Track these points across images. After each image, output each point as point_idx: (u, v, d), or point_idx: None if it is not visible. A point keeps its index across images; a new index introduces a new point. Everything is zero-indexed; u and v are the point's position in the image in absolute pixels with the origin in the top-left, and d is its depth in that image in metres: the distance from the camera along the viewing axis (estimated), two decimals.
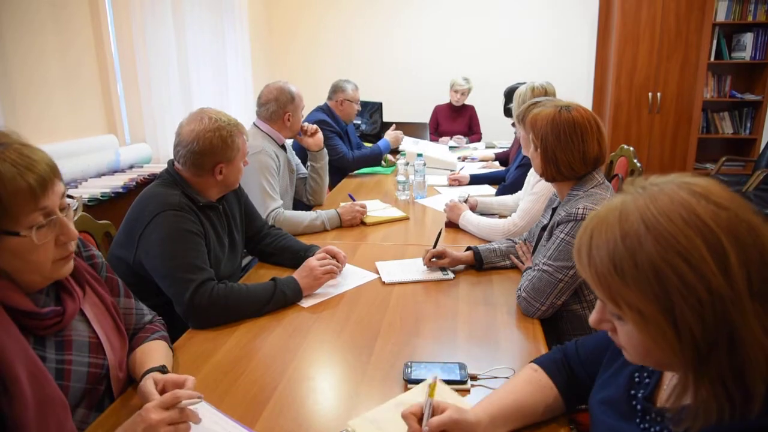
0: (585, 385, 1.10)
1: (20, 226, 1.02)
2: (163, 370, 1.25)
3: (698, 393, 0.73)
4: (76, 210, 1.16)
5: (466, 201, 2.62)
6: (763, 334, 0.67)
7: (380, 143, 3.84)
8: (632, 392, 0.91)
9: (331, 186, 3.43)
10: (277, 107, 2.70)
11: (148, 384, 1.17)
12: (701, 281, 0.67)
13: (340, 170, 3.73)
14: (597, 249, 0.74)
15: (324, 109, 3.79)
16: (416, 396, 1.23)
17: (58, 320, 1.13)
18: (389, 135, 3.89)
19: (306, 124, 2.91)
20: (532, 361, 1.22)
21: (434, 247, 2.01)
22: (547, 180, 1.74)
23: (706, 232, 0.68)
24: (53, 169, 1.08)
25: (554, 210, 1.79)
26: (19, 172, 1.01)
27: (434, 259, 1.99)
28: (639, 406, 0.89)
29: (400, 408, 1.12)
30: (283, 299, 1.73)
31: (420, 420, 1.00)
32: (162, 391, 1.15)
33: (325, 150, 3.01)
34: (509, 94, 3.61)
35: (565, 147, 1.63)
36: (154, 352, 1.33)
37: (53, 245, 1.09)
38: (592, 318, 0.83)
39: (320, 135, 2.95)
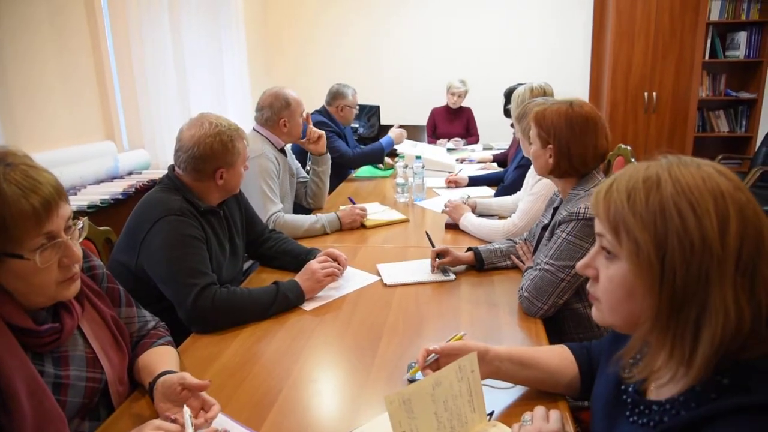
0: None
1: (24, 249, 1.01)
2: None
3: (653, 349, 0.80)
4: (81, 230, 1.14)
5: (466, 202, 2.63)
6: (733, 303, 0.72)
7: (383, 140, 3.79)
8: (623, 387, 0.95)
9: (330, 189, 3.44)
10: (271, 113, 2.69)
11: (174, 381, 1.18)
12: (699, 229, 0.73)
13: (339, 171, 3.72)
14: (617, 185, 0.81)
15: (322, 112, 3.80)
16: None
17: (56, 337, 1.13)
18: (393, 132, 3.87)
19: (311, 128, 2.89)
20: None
21: (432, 246, 2.02)
22: (557, 176, 1.73)
23: (718, 196, 0.74)
24: (59, 192, 1.06)
25: (555, 209, 1.80)
26: (24, 195, 1.00)
27: (438, 259, 1.99)
28: (629, 399, 0.92)
29: None
30: (285, 302, 1.73)
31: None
32: (182, 392, 1.17)
33: (328, 155, 3.00)
34: (509, 95, 3.61)
35: (579, 141, 1.64)
36: (163, 356, 1.33)
37: (57, 267, 1.08)
38: (581, 263, 0.89)
39: (324, 141, 2.94)
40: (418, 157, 3.08)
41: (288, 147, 2.89)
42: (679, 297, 0.75)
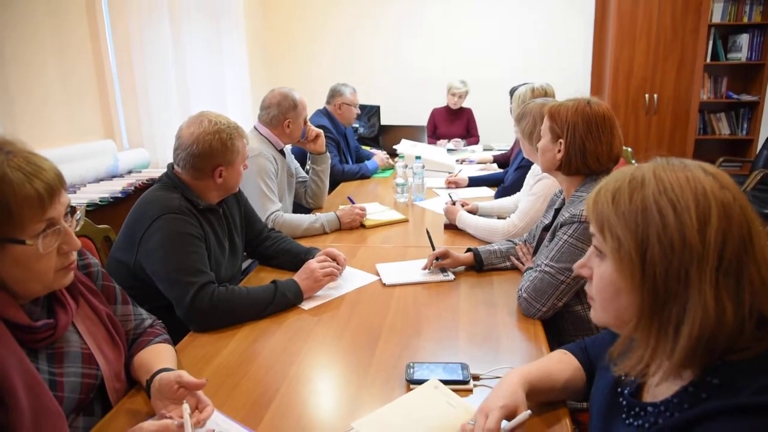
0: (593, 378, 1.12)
1: (26, 234, 1.02)
2: None
3: (639, 344, 0.80)
4: (78, 220, 1.15)
5: (454, 203, 2.60)
6: (713, 301, 0.72)
7: (369, 164, 3.90)
8: (619, 389, 0.95)
9: (330, 189, 3.43)
10: (278, 112, 2.69)
11: (171, 379, 1.17)
12: (678, 227, 0.74)
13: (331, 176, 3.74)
14: (606, 186, 0.84)
15: (324, 113, 3.80)
16: (419, 396, 1.23)
17: (51, 333, 1.13)
18: (378, 158, 4.02)
19: (309, 126, 2.88)
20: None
21: (432, 249, 2.01)
22: (566, 173, 1.69)
23: (700, 195, 0.75)
24: (60, 178, 1.08)
25: (557, 210, 1.79)
26: (28, 180, 1.01)
27: (437, 260, 1.98)
28: (625, 402, 0.92)
29: (404, 408, 1.15)
30: (284, 301, 1.73)
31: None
32: (178, 390, 1.16)
33: (328, 154, 3.00)
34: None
35: (596, 138, 1.61)
36: (160, 354, 1.33)
37: (56, 254, 1.09)
38: (577, 263, 0.90)
39: (322, 139, 2.94)
40: (418, 158, 3.07)
41: (287, 147, 2.88)
42: (662, 294, 0.76)
